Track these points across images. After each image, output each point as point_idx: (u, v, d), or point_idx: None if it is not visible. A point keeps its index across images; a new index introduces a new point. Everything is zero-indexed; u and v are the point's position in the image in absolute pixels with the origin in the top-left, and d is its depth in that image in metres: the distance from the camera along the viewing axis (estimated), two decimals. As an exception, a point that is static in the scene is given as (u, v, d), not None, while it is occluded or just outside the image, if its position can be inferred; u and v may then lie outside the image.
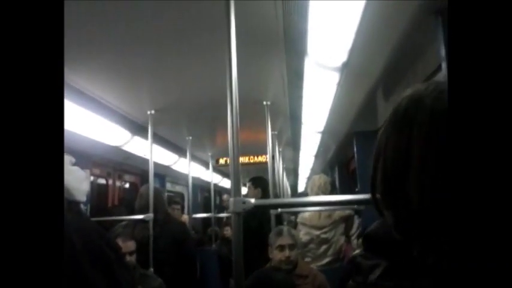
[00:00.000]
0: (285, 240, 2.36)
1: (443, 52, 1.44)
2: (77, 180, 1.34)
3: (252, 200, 1.23)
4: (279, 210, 2.95)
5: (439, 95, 0.53)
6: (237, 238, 1.20)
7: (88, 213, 3.52)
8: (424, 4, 1.49)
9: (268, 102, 3.08)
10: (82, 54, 2.15)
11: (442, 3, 1.41)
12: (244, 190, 5.63)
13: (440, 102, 0.52)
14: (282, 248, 2.35)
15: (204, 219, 6.22)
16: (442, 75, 1.52)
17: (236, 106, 1.28)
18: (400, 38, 1.85)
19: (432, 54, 1.80)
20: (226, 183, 8.34)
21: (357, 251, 0.63)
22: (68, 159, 1.35)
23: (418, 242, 0.51)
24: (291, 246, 2.35)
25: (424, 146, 0.52)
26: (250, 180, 3.96)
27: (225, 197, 8.25)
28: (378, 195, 0.58)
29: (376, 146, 0.59)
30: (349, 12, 1.68)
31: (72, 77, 2.49)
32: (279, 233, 2.42)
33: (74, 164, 1.39)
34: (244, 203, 1.21)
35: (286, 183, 9.21)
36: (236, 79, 1.28)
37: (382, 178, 0.57)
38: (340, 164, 5.86)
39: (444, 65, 1.47)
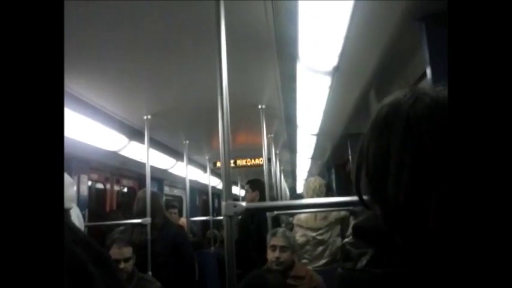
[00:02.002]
0: (277, 241, 2.37)
1: (427, 57, 1.48)
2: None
3: (243, 203, 1.27)
4: (275, 212, 2.98)
5: (414, 102, 0.57)
6: (229, 241, 1.23)
7: (86, 219, 3.55)
8: (409, 10, 1.53)
9: (263, 106, 3.12)
10: (78, 61, 2.19)
11: (426, 10, 1.45)
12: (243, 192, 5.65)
13: (415, 109, 0.57)
14: (273, 248, 2.37)
15: (203, 222, 6.24)
16: (428, 80, 1.56)
17: (227, 111, 1.31)
18: (389, 43, 1.89)
19: (421, 58, 1.85)
20: (224, 185, 8.33)
21: (346, 240, 0.68)
22: None
23: (402, 232, 0.55)
24: (283, 248, 2.35)
25: (400, 150, 0.56)
26: (247, 183, 3.99)
27: (223, 199, 8.23)
28: (363, 194, 0.62)
29: (359, 150, 0.63)
30: (338, 18, 1.72)
31: (68, 84, 2.53)
32: (274, 234, 2.45)
33: (71, 170, 1.41)
34: (235, 206, 1.24)
35: (285, 185, 9.23)
36: (226, 85, 1.31)
37: (366, 180, 0.61)
38: (337, 165, 5.90)
39: (429, 70, 1.51)
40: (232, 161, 5.73)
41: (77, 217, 2.77)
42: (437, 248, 0.51)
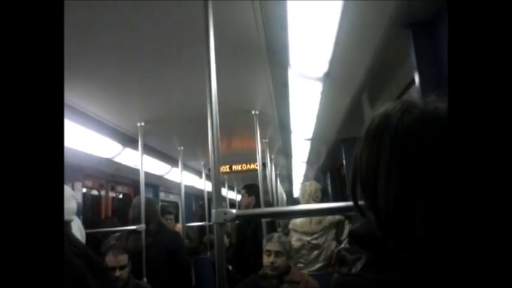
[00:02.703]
0: (272, 246, 2.38)
1: (415, 63, 1.50)
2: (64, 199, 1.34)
3: (234, 211, 1.28)
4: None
5: (402, 114, 0.59)
6: (219, 248, 1.25)
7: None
8: (396, 18, 1.55)
9: (257, 112, 3.13)
10: (71, 69, 2.19)
11: (412, 18, 1.47)
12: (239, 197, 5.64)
13: (403, 121, 0.59)
14: (268, 253, 2.37)
15: (199, 227, 6.23)
16: (416, 88, 1.58)
17: (216, 118, 1.32)
18: (378, 49, 1.91)
19: (411, 63, 1.87)
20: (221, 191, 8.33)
21: (342, 246, 0.70)
22: None
23: (395, 240, 0.57)
24: (277, 253, 2.35)
25: (388, 160, 0.58)
26: (244, 188, 4.00)
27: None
28: (359, 200, 0.64)
29: (353, 159, 0.65)
30: (327, 24, 1.74)
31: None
32: (269, 239, 2.45)
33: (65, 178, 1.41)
34: (225, 213, 1.25)
35: (281, 190, 9.23)
36: (216, 92, 1.33)
37: (360, 187, 0.63)
38: (332, 169, 5.91)
39: (416, 76, 1.53)
40: (227, 166, 5.77)
41: (78, 229, 2.76)
42: (427, 255, 0.53)
